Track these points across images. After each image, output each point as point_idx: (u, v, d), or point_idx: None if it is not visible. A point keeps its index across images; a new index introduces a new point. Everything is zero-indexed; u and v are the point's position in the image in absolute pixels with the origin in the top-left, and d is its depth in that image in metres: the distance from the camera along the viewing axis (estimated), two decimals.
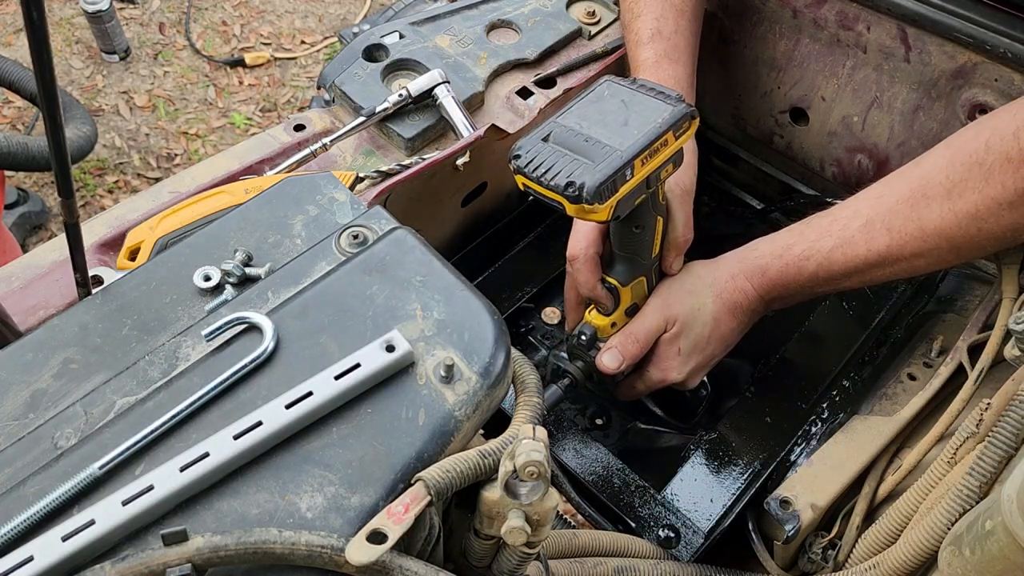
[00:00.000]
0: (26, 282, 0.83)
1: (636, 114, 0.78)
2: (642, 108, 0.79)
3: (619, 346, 0.90)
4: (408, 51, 1.09)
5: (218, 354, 0.58)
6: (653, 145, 0.76)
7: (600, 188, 0.73)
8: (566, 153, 0.76)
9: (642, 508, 0.88)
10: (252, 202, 0.70)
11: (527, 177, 0.76)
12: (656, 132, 0.76)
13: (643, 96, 0.80)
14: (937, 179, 0.76)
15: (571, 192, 0.73)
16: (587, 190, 0.72)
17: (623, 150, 0.75)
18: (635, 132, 0.76)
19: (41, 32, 0.46)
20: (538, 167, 0.75)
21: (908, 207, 0.78)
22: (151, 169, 2.53)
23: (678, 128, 0.78)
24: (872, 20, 1.00)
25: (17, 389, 0.58)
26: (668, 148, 0.78)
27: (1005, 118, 0.73)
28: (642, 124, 0.77)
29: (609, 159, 0.74)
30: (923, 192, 0.77)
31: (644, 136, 0.76)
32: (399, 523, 0.49)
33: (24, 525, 0.49)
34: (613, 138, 0.76)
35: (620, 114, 0.79)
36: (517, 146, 0.77)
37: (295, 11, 3.04)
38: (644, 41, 1.02)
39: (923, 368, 0.96)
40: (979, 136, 0.74)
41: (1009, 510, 0.53)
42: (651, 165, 0.77)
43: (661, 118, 0.77)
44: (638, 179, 0.77)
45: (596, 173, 0.73)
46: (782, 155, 1.23)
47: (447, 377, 0.57)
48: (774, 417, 0.96)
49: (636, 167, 0.76)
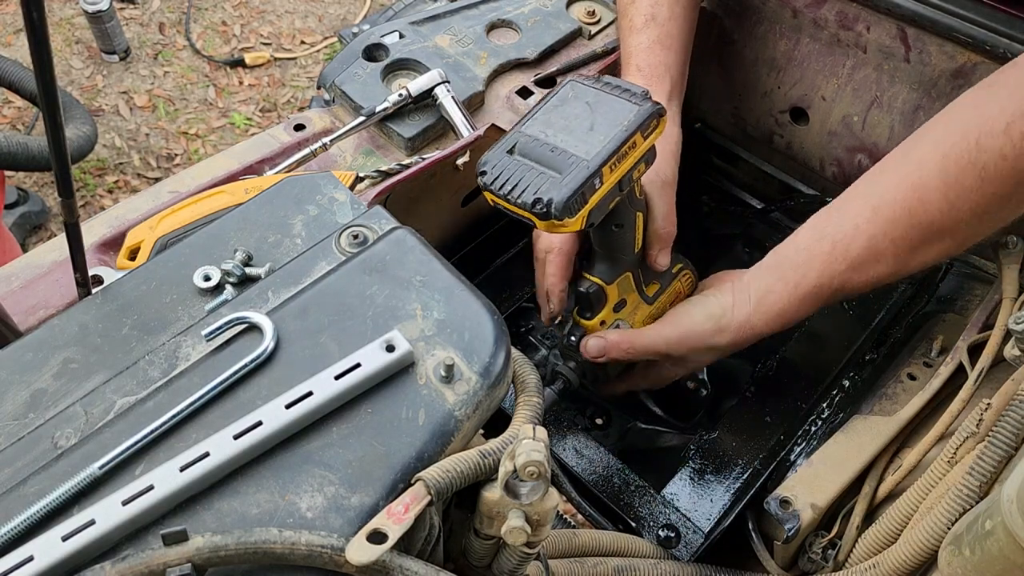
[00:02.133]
0: (26, 282, 0.83)
1: (601, 116, 0.75)
2: (607, 110, 0.76)
3: (609, 343, 0.88)
4: (408, 51, 1.09)
5: (218, 354, 0.58)
6: (620, 150, 0.74)
7: (568, 203, 0.70)
8: (532, 166, 0.73)
9: (642, 508, 0.88)
10: (252, 202, 0.70)
11: (494, 194, 0.74)
12: (622, 136, 0.74)
13: (608, 96, 0.77)
14: (932, 184, 0.75)
15: (539, 209, 0.71)
16: (555, 206, 0.70)
17: (589, 159, 0.72)
18: (601, 138, 0.74)
19: (41, 32, 0.46)
20: (504, 183, 0.73)
21: (908, 216, 0.77)
22: (151, 169, 2.53)
23: (646, 128, 0.75)
24: (872, 20, 1.00)
25: (17, 389, 0.58)
26: (637, 149, 0.76)
27: (994, 111, 0.71)
28: (608, 128, 0.74)
29: (576, 170, 0.72)
30: (920, 199, 0.76)
31: (611, 141, 0.73)
32: (399, 523, 0.49)
33: (24, 525, 0.49)
34: (579, 146, 0.73)
35: (586, 118, 0.76)
36: (483, 161, 0.75)
37: (295, 11, 3.04)
38: (638, 27, 1.01)
39: (923, 368, 0.96)
40: (968, 135, 0.72)
41: (1009, 510, 0.53)
42: (620, 169, 0.75)
43: (627, 120, 0.75)
44: (608, 186, 0.74)
45: (563, 188, 0.71)
46: (782, 155, 1.23)
47: (447, 377, 0.57)
48: (774, 417, 0.96)
49: (605, 175, 0.73)
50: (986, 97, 0.74)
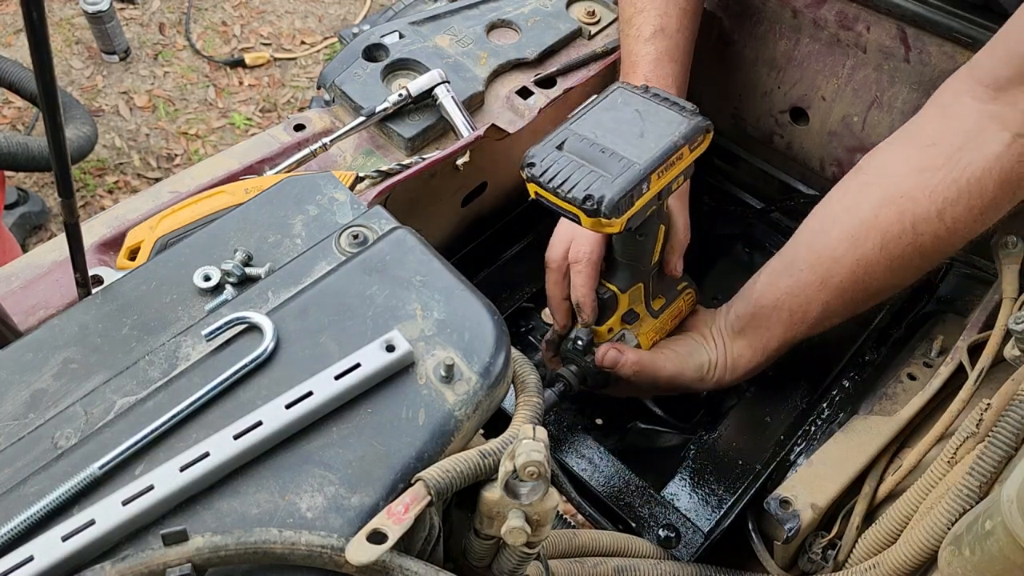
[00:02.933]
0: (26, 282, 0.83)
1: (651, 125, 0.77)
2: (657, 119, 0.77)
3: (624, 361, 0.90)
4: (408, 51, 1.09)
5: (218, 354, 0.58)
6: (670, 159, 0.75)
7: (619, 202, 0.71)
8: (582, 164, 0.74)
9: (642, 508, 0.88)
10: (252, 202, 0.70)
11: (542, 187, 0.74)
12: (673, 145, 0.75)
13: (657, 106, 0.79)
14: (875, 258, 0.82)
15: (589, 205, 0.71)
16: (606, 204, 0.71)
17: (641, 163, 0.73)
18: (652, 145, 0.75)
19: (41, 32, 0.46)
20: (554, 177, 0.73)
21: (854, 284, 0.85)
22: (151, 169, 2.53)
23: (693, 141, 0.77)
24: (872, 20, 1.00)
25: (17, 389, 0.58)
26: (683, 161, 0.77)
27: (923, 200, 0.79)
28: (658, 136, 0.76)
29: (628, 172, 0.73)
30: (865, 272, 0.84)
31: (661, 150, 0.75)
32: (399, 523, 0.49)
33: (24, 525, 0.49)
34: (630, 150, 0.74)
35: (635, 124, 0.77)
36: (531, 153, 0.76)
37: (295, 11, 3.04)
38: (646, 37, 1.01)
39: (923, 368, 0.96)
40: (903, 219, 0.80)
41: (1009, 510, 0.53)
42: (666, 178, 0.76)
43: (678, 131, 0.76)
44: (653, 192, 0.75)
45: (615, 187, 0.71)
46: (782, 155, 1.23)
47: (447, 377, 0.57)
48: (774, 417, 0.96)
49: (652, 180, 0.74)
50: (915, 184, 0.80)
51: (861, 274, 0.84)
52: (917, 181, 0.80)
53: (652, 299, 0.95)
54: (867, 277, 0.84)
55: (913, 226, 0.80)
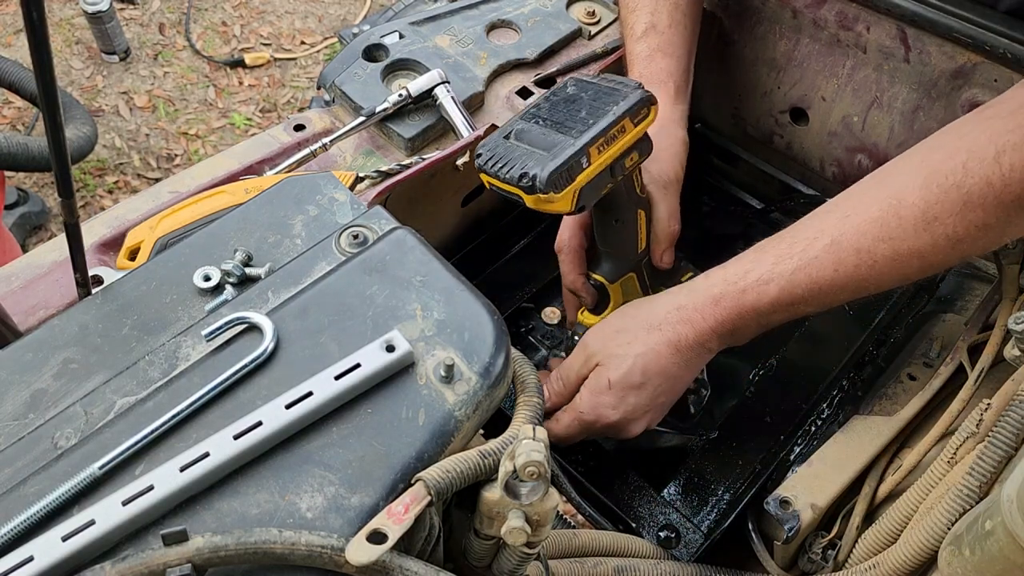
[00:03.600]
0: (26, 282, 0.83)
1: (595, 105, 0.80)
2: (600, 100, 0.80)
3: (548, 386, 0.88)
4: (408, 51, 1.09)
5: (218, 354, 0.58)
6: (608, 132, 0.77)
7: (552, 177, 0.74)
8: (524, 148, 0.78)
9: (642, 508, 0.88)
10: (252, 202, 0.70)
11: (487, 173, 0.78)
12: (610, 119, 0.78)
13: (603, 88, 0.82)
14: (911, 199, 0.71)
15: (525, 183, 0.75)
16: (539, 180, 0.74)
17: (576, 139, 0.76)
18: (590, 121, 0.78)
19: (41, 32, 0.46)
20: (496, 162, 0.77)
21: (879, 228, 0.73)
22: (151, 169, 2.53)
23: (635, 114, 0.79)
24: (872, 20, 1.00)
25: (17, 389, 0.58)
26: (626, 135, 0.79)
27: (982, 139, 0.68)
28: (598, 114, 0.79)
29: (561, 148, 0.76)
30: (896, 213, 0.72)
31: (598, 124, 0.77)
32: (399, 523, 0.49)
33: (24, 525, 0.49)
34: (570, 130, 0.78)
35: (580, 107, 0.80)
36: (480, 145, 0.80)
37: (295, 11, 3.04)
38: (638, 35, 1.02)
39: (923, 368, 0.96)
40: (955, 156, 0.69)
41: (1009, 510, 0.53)
42: (609, 152, 0.78)
43: (616, 105, 0.79)
44: (597, 167, 0.78)
45: (548, 163, 0.75)
46: (782, 155, 1.23)
47: (447, 377, 0.57)
48: (774, 417, 0.96)
49: (592, 155, 0.77)
50: (976, 127, 0.71)
51: (890, 216, 0.72)
52: (978, 122, 0.71)
53: (652, 290, 0.95)
54: (895, 222, 0.72)
55: (964, 164, 0.68)
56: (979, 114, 0.73)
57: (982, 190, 0.68)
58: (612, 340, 0.83)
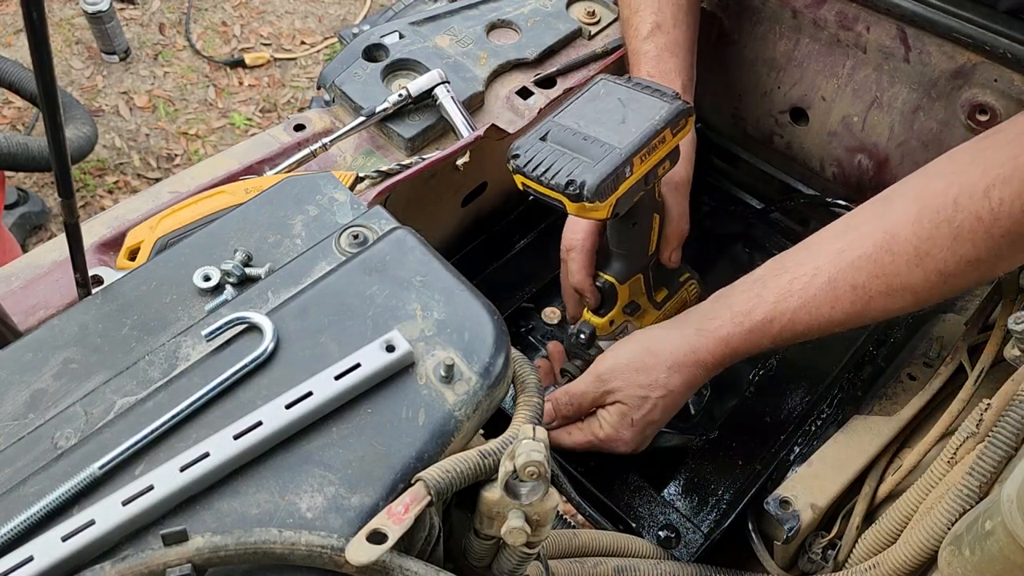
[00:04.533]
0: (26, 282, 0.83)
1: (633, 112, 0.79)
2: (639, 106, 0.79)
3: (554, 402, 0.88)
4: (408, 51, 1.09)
5: (218, 354, 0.58)
6: (651, 142, 0.77)
7: (601, 186, 0.73)
8: (565, 152, 0.76)
9: (642, 508, 0.88)
10: (252, 202, 0.70)
11: (526, 176, 0.76)
12: (654, 129, 0.77)
13: (639, 94, 0.81)
14: (903, 235, 0.72)
15: (572, 190, 0.73)
16: (588, 188, 0.73)
17: (622, 148, 0.75)
18: (633, 130, 0.77)
19: (41, 32, 0.46)
20: (537, 166, 0.75)
21: (872, 264, 0.75)
22: (151, 169, 2.53)
23: (675, 125, 0.78)
24: (872, 20, 1.00)
25: (17, 389, 0.58)
26: (666, 145, 0.79)
27: (975, 173, 0.69)
28: (640, 121, 0.77)
29: (609, 157, 0.74)
30: (888, 248, 0.73)
31: (642, 133, 0.76)
32: (399, 523, 0.49)
33: (24, 525, 0.49)
34: (611, 136, 0.76)
35: (617, 112, 0.79)
36: (515, 146, 0.78)
37: (295, 11, 3.04)
38: (644, 35, 1.02)
39: (923, 368, 0.96)
40: (947, 191, 0.70)
41: (1009, 510, 0.53)
42: (649, 162, 0.78)
43: (658, 115, 0.78)
44: (637, 176, 0.77)
45: (596, 171, 0.73)
46: (782, 155, 1.23)
47: (447, 377, 0.57)
48: (774, 417, 0.96)
49: (635, 164, 0.76)
50: (971, 158, 0.72)
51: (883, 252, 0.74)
52: (974, 152, 0.72)
53: (654, 291, 0.96)
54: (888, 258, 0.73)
55: (955, 200, 0.69)
56: (977, 143, 0.74)
57: (972, 225, 0.68)
58: (633, 380, 0.84)
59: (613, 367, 0.86)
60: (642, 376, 0.84)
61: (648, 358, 0.84)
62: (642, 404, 0.84)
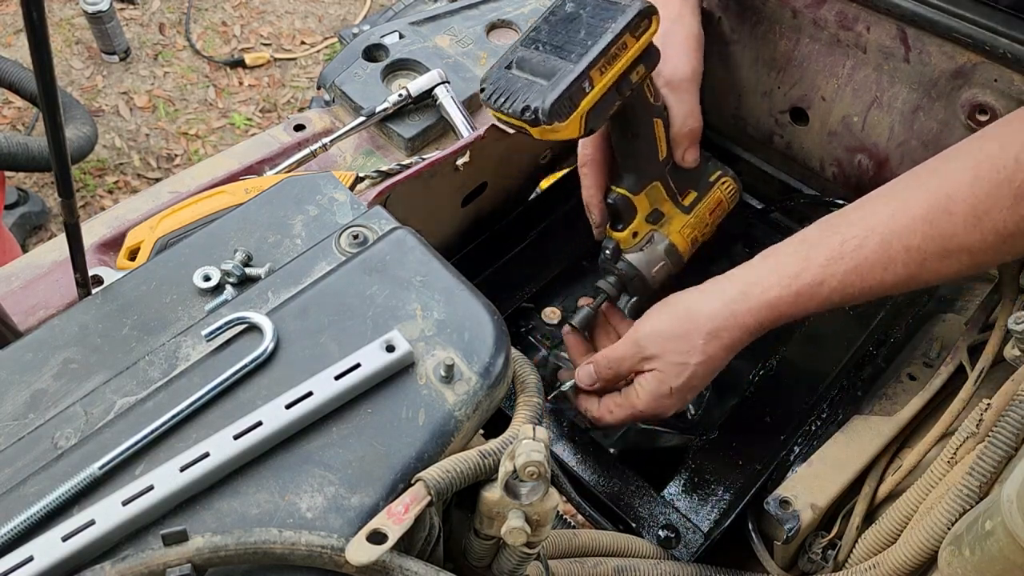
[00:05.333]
0: (26, 282, 0.83)
1: (593, 24, 0.77)
2: (598, 18, 0.78)
3: (595, 365, 0.87)
4: (408, 51, 1.09)
5: (218, 354, 0.58)
6: (609, 51, 0.75)
7: (555, 107, 0.73)
8: (526, 78, 0.76)
9: (642, 508, 0.88)
10: (252, 202, 0.70)
11: (493, 108, 0.77)
12: (609, 38, 0.75)
13: (600, 4, 0.79)
14: (961, 195, 0.70)
15: (528, 116, 0.74)
16: (542, 112, 0.73)
17: (575, 64, 0.74)
18: (589, 43, 0.76)
19: (41, 32, 0.46)
20: (500, 96, 0.76)
21: (928, 225, 0.72)
22: (151, 169, 2.53)
23: (635, 28, 0.76)
24: (872, 20, 1.00)
25: (17, 389, 0.58)
26: (628, 51, 0.77)
27: None
28: (596, 33, 0.76)
29: (561, 75, 0.74)
30: (945, 208, 0.71)
31: (597, 46, 0.75)
32: (399, 523, 0.49)
33: (24, 525, 0.49)
34: (570, 54, 0.76)
35: (578, 27, 0.78)
36: (483, 78, 0.78)
37: (295, 11, 3.04)
38: None
39: (923, 368, 0.96)
40: (1007, 150, 0.68)
41: (1009, 510, 0.53)
42: (612, 71, 0.76)
43: (614, 23, 0.76)
44: (601, 88, 0.76)
45: (549, 93, 0.73)
46: (782, 155, 1.23)
47: (447, 377, 0.57)
48: (774, 417, 0.95)
49: (594, 78, 0.75)
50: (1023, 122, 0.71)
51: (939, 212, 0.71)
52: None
53: (680, 195, 0.94)
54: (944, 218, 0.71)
55: (1016, 157, 0.67)
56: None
57: None
58: (671, 346, 0.82)
59: (650, 332, 0.84)
60: (681, 343, 0.82)
61: (687, 323, 0.82)
62: (681, 372, 0.82)
